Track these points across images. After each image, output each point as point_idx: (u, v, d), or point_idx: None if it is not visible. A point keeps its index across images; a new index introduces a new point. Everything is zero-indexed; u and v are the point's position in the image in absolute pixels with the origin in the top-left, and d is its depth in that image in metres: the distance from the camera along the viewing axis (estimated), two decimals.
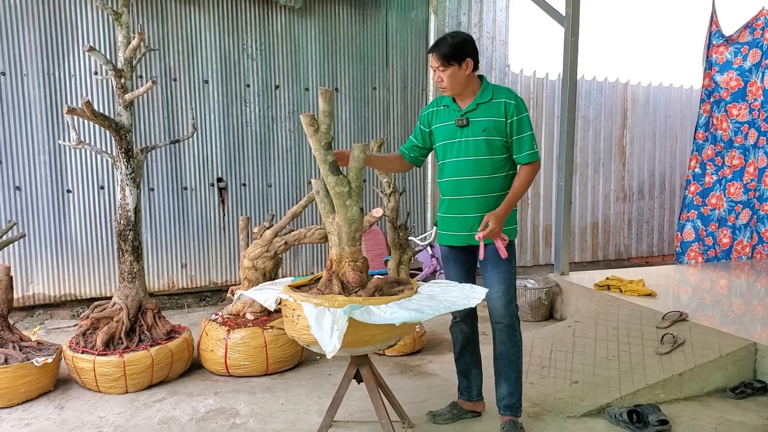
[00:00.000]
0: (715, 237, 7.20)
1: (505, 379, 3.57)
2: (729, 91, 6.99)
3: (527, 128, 3.40)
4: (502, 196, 3.42)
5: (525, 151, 3.41)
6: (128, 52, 4.34)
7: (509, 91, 3.44)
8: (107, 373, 4.24)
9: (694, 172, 7.10)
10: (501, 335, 3.53)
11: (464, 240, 3.50)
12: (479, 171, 3.40)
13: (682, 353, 4.33)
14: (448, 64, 3.31)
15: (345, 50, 6.89)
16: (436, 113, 3.54)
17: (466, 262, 3.62)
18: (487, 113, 3.37)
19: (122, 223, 4.51)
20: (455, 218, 3.51)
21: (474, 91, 3.41)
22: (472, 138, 3.39)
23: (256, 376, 4.58)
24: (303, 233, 4.72)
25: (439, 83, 3.37)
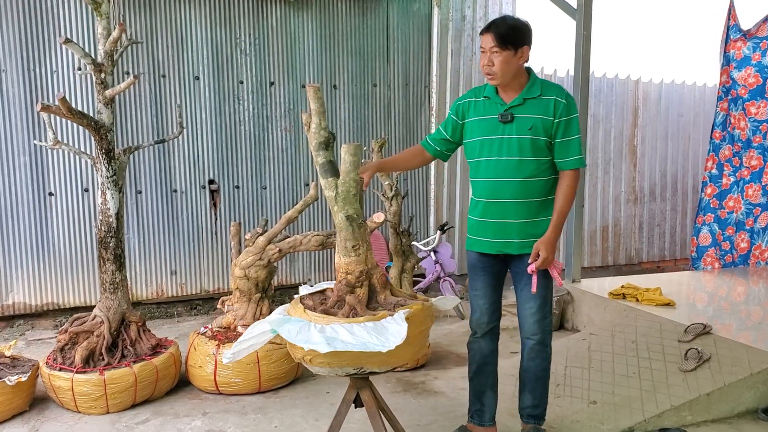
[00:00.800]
0: (733, 241, 6.89)
1: (531, 392, 3.38)
2: (747, 88, 6.66)
3: (576, 131, 3.13)
4: (543, 203, 3.16)
5: (572, 156, 3.12)
6: (108, 45, 4.01)
7: (560, 88, 3.16)
8: (86, 392, 3.95)
9: (711, 173, 6.79)
10: (531, 351, 3.31)
11: (499, 248, 3.22)
12: (521, 173, 3.11)
13: (708, 370, 4.01)
14: (503, 48, 3.02)
15: (344, 45, 6.56)
16: (474, 105, 3.24)
17: (496, 273, 3.33)
18: (534, 110, 3.09)
19: (103, 229, 4.18)
20: (491, 223, 3.21)
21: (521, 84, 3.14)
22: (515, 136, 3.10)
23: (248, 394, 4.29)
24: (299, 240, 4.39)
25: (488, 68, 3.07)
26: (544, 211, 3.18)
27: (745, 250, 6.89)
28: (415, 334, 2.79)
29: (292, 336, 2.72)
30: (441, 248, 6.33)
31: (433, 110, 7.01)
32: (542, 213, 3.17)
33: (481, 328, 3.35)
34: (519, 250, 3.19)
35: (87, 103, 5.65)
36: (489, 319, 3.34)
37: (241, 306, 4.43)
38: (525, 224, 3.16)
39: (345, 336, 2.68)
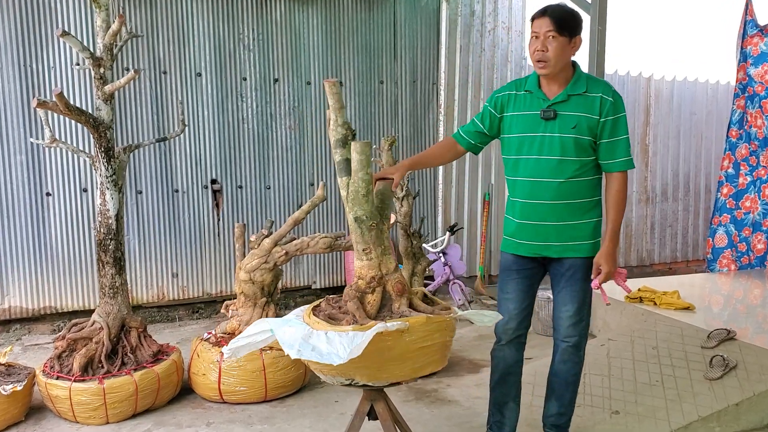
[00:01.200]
0: (749, 243, 6.71)
1: (558, 398, 3.21)
2: (764, 85, 6.49)
3: (623, 131, 2.94)
4: (584, 204, 2.99)
5: (619, 158, 2.94)
6: (107, 38, 3.83)
7: (607, 85, 2.99)
8: (85, 402, 3.80)
9: (727, 172, 6.61)
10: (563, 353, 3.15)
11: (537, 251, 3.06)
12: (563, 173, 2.93)
13: (735, 379, 3.84)
14: (560, 33, 2.84)
15: (350, 40, 6.38)
16: (515, 98, 3.06)
17: (531, 276, 3.15)
18: (579, 107, 2.91)
19: (102, 231, 4.01)
20: (529, 225, 3.03)
21: (567, 78, 2.96)
22: (558, 134, 2.92)
23: (254, 402, 4.13)
24: (306, 242, 4.22)
25: (540, 54, 2.87)
26: (586, 214, 3.01)
27: (761, 251, 6.71)
28: (414, 349, 2.60)
29: (283, 338, 2.61)
30: (450, 250, 6.14)
31: (441, 107, 6.83)
32: (584, 215, 3.00)
33: (507, 334, 3.17)
34: (558, 254, 3.03)
35: (86, 100, 5.47)
36: (517, 326, 3.17)
37: (246, 311, 4.25)
38: (565, 227, 2.98)
39: (321, 344, 2.52)
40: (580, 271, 3.02)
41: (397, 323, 2.55)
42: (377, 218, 2.83)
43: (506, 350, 3.21)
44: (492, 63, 6.99)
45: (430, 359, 2.70)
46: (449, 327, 2.74)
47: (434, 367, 2.74)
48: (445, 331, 2.72)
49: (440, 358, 2.76)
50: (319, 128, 6.33)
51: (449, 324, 2.73)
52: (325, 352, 2.47)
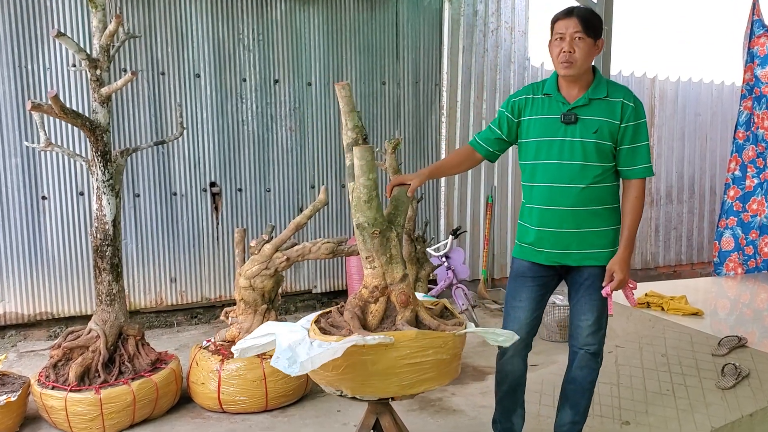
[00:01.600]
0: (756, 246, 6.62)
1: (572, 406, 3.13)
2: None
3: (644, 137, 2.87)
4: (605, 211, 2.90)
5: (640, 164, 2.86)
6: (104, 39, 3.73)
7: (627, 90, 2.92)
8: (81, 413, 3.69)
9: (734, 174, 6.52)
10: (581, 360, 3.09)
11: (556, 258, 2.97)
12: (584, 179, 2.84)
13: (748, 388, 3.75)
14: (588, 33, 2.77)
15: (351, 41, 6.27)
16: (532, 102, 2.97)
17: (546, 284, 3.07)
18: (600, 112, 2.84)
19: (99, 237, 3.91)
20: (548, 233, 2.94)
21: (588, 82, 2.89)
22: (579, 139, 2.84)
23: (255, 412, 4.03)
24: (308, 248, 4.11)
25: (567, 55, 2.79)
26: (607, 221, 2.92)
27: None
28: (401, 365, 2.49)
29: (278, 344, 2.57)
30: (453, 254, 6.03)
31: (443, 109, 6.72)
32: (604, 223, 2.91)
33: (516, 344, 3.02)
34: (578, 262, 2.94)
35: (82, 102, 5.37)
36: (526, 336, 3.08)
37: (246, 318, 4.15)
38: (586, 234, 2.90)
39: (302, 353, 2.44)
40: (599, 280, 2.93)
41: (379, 337, 2.44)
42: (381, 225, 2.73)
43: (514, 362, 3.12)
44: (495, 64, 6.89)
45: (422, 377, 2.55)
46: (448, 344, 2.58)
47: (429, 385, 2.59)
48: (442, 348, 2.56)
49: (436, 377, 2.60)
50: (320, 130, 6.23)
51: (448, 341, 2.58)
52: (287, 362, 2.40)
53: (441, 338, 2.55)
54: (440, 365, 2.56)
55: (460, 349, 2.68)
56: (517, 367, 3.13)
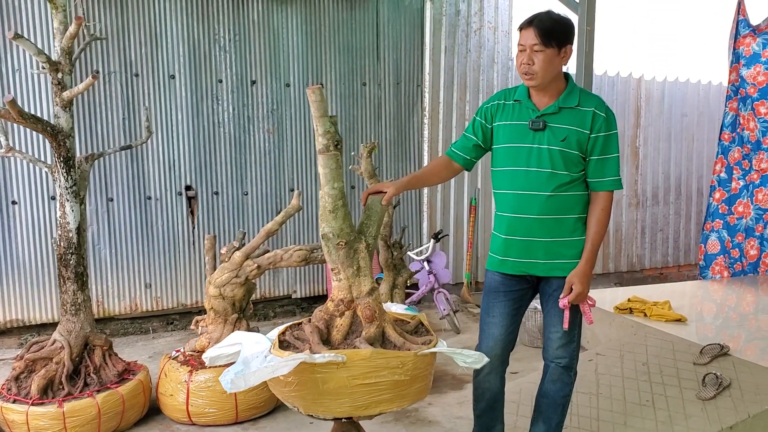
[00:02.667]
0: (742, 249, 6.55)
1: (545, 421, 3.06)
2: (756, 86, 6.31)
3: (615, 149, 2.80)
4: (573, 221, 2.84)
5: (609, 176, 2.80)
6: (65, 41, 3.60)
7: (600, 100, 2.84)
8: (43, 427, 3.58)
9: (720, 177, 6.44)
10: (553, 373, 3.01)
11: (524, 268, 2.90)
12: (551, 187, 2.78)
13: (729, 399, 3.66)
14: (547, 44, 2.68)
15: (331, 41, 6.15)
16: (503, 108, 2.91)
17: (519, 298, 2.98)
18: (570, 121, 2.77)
19: (63, 245, 3.79)
20: (516, 241, 2.87)
21: (558, 90, 2.82)
22: (547, 146, 2.77)
23: (225, 425, 3.93)
24: (279, 255, 4.00)
25: (526, 67, 2.73)
26: (575, 231, 2.84)
27: (754, 257, 6.56)
28: (353, 385, 2.37)
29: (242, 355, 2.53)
30: (435, 258, 5.94)
31: (425, 110, 6.61)
32: (572, 233, 2.84)
33: (492, 361, 2.95)
34: (545, 273, 2.87)
35: (51, 106, 5.23)
36: (502, 352, 3.00)
37: (215, 328, 4.03)
38: (553, 243, 2.82)
39: (253, 367, 2.37)
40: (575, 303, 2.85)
41: (329, 356, 2.33)
42: (348, 236, 2.62)
43: (491, 380, 3.03)
44: (478, 64, 6.79)
45: (377, 398, 2.41)
46: (407, 364, 2.43)
47: (385, 407, 2.45)
48: (399, 369, 2.42)
49: (394, 398, 2.46)
50: (298, 132, 6.11)
51: (406, 361, 2.43)
52: (234, 376, 2.32)
53: (398, 358, 2.42)
54: (398, 386, 2.43)
55: (425, 370, 2.52)
56: (494, 385, 3.05)
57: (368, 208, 2.79)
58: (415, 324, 2.88)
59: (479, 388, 3.08)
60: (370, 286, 2.64)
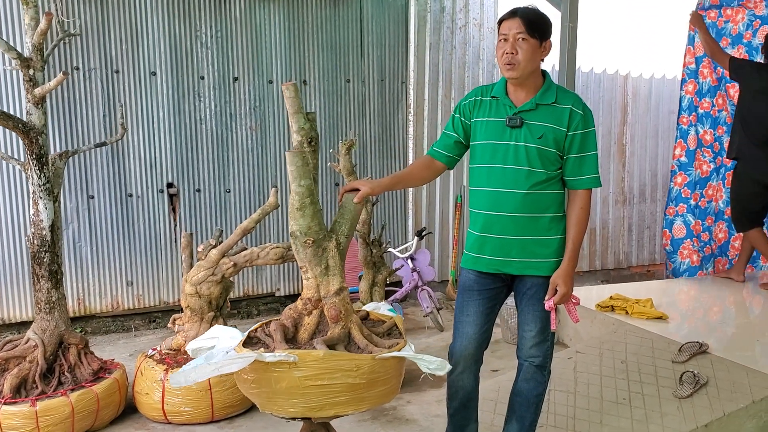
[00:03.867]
0: (712, 232, 6.47)
1: (519, 420, 3.03)
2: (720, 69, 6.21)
3: (593, 146, 2.79)
4: (549, 220, 2.82)
5: (587, 174, 2.79)
6: (36, 37, 3.58)
7: (578, 97, 2.83)
8: (16, 426, 3.55)
9: (680, 161, 6.34)
10: (527, 372, 2.99)
11: (498, 266, 2.88)
12: (527, 184, 2.76)
13: (706, 397, 3.64)
14: (532, 34, 2.69)
15: (314, 38, 6.11)
16: (480, 104, 2.89)
17: (494, 297, 2.97)
18: (546, 118, 2.76)
19: (36, 243, 3.77)
20: (490, 239, 2.85)
21: (536, 86, 2.81)
22: (523, 143, 2.76)
23: (200, 423, 3.92)
24: (256, 253, 3.99)
25: (509, 56, 2.72)
26: (551, 230, 2.83)
27: (722, 240, 6.50)
28: (306, 386, 2.35)
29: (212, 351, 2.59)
30: (419, 255, 5.92)
31: (410, 107, 6.59)
32: (548, 231, 2.83)
33: (465, 360, 2.97)
34: (519, 271, 2.86)
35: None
36: (475, 351, 2.98)
37: (192, 326, 4.01)
38: (527, 242, 2.81)
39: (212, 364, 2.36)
40: (542, 291, 2.84)
41: (280, 355, 2.32)
42: (316, 235, 2.60)
43: (464, 378, 3.02)
44: (463, 61, 6.76)
45: (332, 401, 2.38)
46: (363, 368, 2.38)
47: (340, 410, 2.41)
48: (355, 372, 2.37)
49: (350, 402, 2.41)
50: (281, 129, 6.07)
51: (362, 364, 2.39)
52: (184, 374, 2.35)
53: (353, 361, 2.38)
54: (354, 389, 2.39)
55: (386, 374, 2.48)
56: (467, 383, 3.03)
57: (342, 206, 2.77)
58: (389, 326, 2.85)
59: (453, 387, 3.06)
60: (339, 286, 2.62)
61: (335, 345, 2.52)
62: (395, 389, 2.60)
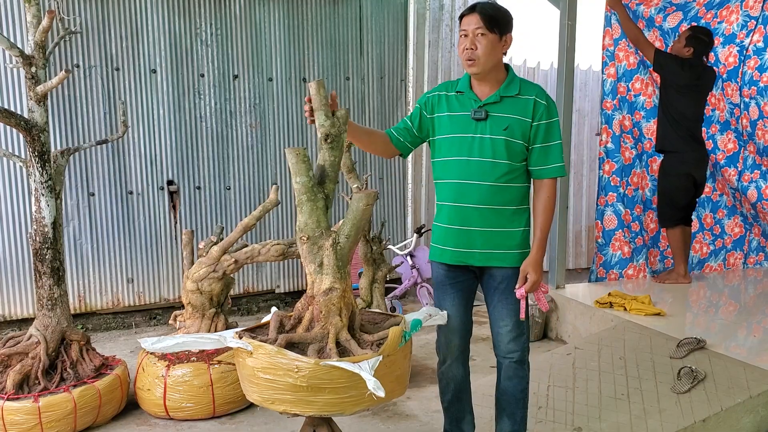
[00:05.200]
0: (642, 221, 6.22)
1: (509, 416, 3.07)
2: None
3: (557, 136, 2.84)
4: (513, 212, 2.88)
5: (552, 164, 2.84)
6: (38, 35, 3.59)
7: (540, 88, 2.89)
8: (19, 422, 3.58)
9: (607, 147, 5.98)
10: (508, 371, 3.02)
11: (462, 258, 2.91)
12: (492, 176, 2.81)
13: (704, 392, 3.68)
14: (490, 30, 2.71)
15: (313, 35, 6.13)
16: (446, 99, 2.93)
17: (465, 288, 3.00)
18: (511, 110, 2.80)
19: (38, 240, 3.78)
20: (454, 230, 2.89)
21: (499, 80, 2.85)
22: (489, 136, 2.80)
23: (202, 419, 3.95)
24: (257, 249, 4.01)
25: (469, 52, 2.75)
26: (515, 222, 2.89)
27: (654, 231, 6.34)
28: (259, 377, 2.45)
29: None
30: (418, 252, 5.95)
31: (410, 105, 6.61)
32: (512, 223, 2.88)
33: (452, 352, 3.04)
34: (482, 262, 2.90)
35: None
36: (461, 341, 3.04)
37: (193, 323, 4.04)
38: (491, 234, 2.86)
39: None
40: (513, 283, 2.89)
41: (240, 342, 2.48)
42: (311, 231, 2.63)
43: (454, 369, 3.08)
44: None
45: (279, 396, 2.43)
46: (303, 371, 2.38)
47: (288, 407, 2.44)
48: (296, 374, 2.38)
49: (295, 402, 2.42)
50: (281, 126, 6.09)
51: (305, 368, 2.38)
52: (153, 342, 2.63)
53: (294, 362, 2.38)
54: (298, 390, 2.41)
55: (333, 383, 2.39)
56: (457, 373, 3.08)
57: (349, 207, 2.78)
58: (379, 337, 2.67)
59: (444, 380, 3.11)
60: (328, 285, 2.60)
61: (309, 344, 2.53)
62: (358, 402, 2.48)
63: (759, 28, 6.13)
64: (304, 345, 2.54)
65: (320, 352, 2.50)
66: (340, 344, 2.55)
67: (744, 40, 6.20)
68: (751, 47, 6.21)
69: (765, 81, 6.25)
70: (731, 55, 6.24)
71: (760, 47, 6.22)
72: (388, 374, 2.50)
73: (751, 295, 5.70)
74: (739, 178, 6.46)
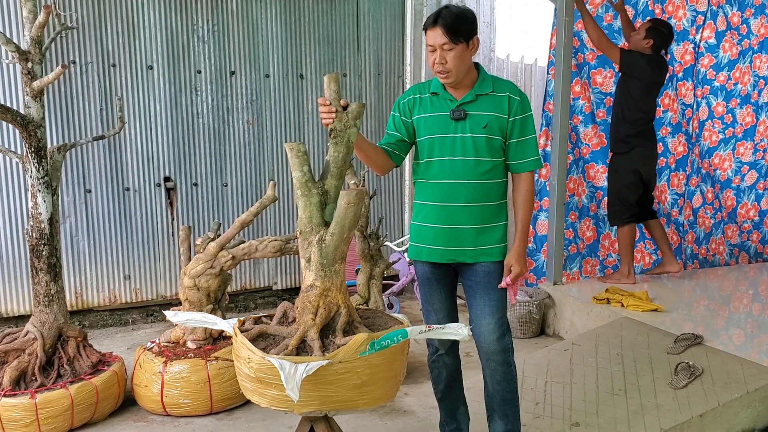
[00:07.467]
0: (576, 229, 6.04)
1: (502, 416, 3.06)
2: (595, 53, 5.82)
3: (531, 129, 2.89)
4: (497, 207, 2.93)
5: (529, 157, 2.90)
6: (34, 31, 3.59)
7: (512, 84, 2.94)
8: (15, 418, 3.58)
9: (545, 151, 5.71)
10: (495, 374, 3.00)
11: (452, 256, 2.93)
12: (478, 174, 2.85)
13: (701, 388, 3.68)
14: (456, 41, 2.72)
15: (310, 32, 6.12)
16: (420, 102, 2.94)
17: (450, 283, 3.05)
18: (487, 107, 2.84)
19: (35, 236, 3.78)
20: (442, 229, 2.90)
21: (472, 80, 2.88)
22: (470, 134, 2.83)
23: (199, 415, 3.94)
24: (254, 246, 4.00)
25: (440, 66, 2.78)
26: (497, 217, 2.94)
27: (591, 239, 6.13)
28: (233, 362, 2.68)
29: None
30: (408, 258, 5.93)
31: None
32: (495, 218, 2.94)
33: (444, 344, 3.08)
34: (473, 259, 2.92)
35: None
36: None
37: None
38: (479, 230, 2.89)
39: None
40: (496, 277, 2.92)
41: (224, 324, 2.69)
42: (303, 227, 2.64)
43: (446, 358, 3.11)
44: None
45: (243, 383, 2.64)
46: (254, 362, 2.43)
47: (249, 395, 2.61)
48: (247, 363, 2.48)
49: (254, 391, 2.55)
50: (279, 123, 6.08)
51: (254, 359, 2.43)
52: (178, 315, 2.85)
53: (248, 351, 2.48)
54: (252, 381, 2.52)
55: (277, 379, 2.37)
56: (450, 363, 3.12)
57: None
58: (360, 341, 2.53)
59: (436, 368, 3.13)
60: (309, 283, 2.62)
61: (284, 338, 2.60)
62: (307, 404, 2.48)
63: (709, 24, 5.99)
64: (279, 338, 2.59)
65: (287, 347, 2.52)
66: (306, 343, 2.54)
67: (695, 36, 6.09)
68: (703, 44, 6.13)
69: (720, 80, 6.17)
70: (687, 52, 6.13)
71: (713, 44, 6.13)
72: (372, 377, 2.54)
73: (748, 291, 5.71)
74: (687, 182, 6.35)
